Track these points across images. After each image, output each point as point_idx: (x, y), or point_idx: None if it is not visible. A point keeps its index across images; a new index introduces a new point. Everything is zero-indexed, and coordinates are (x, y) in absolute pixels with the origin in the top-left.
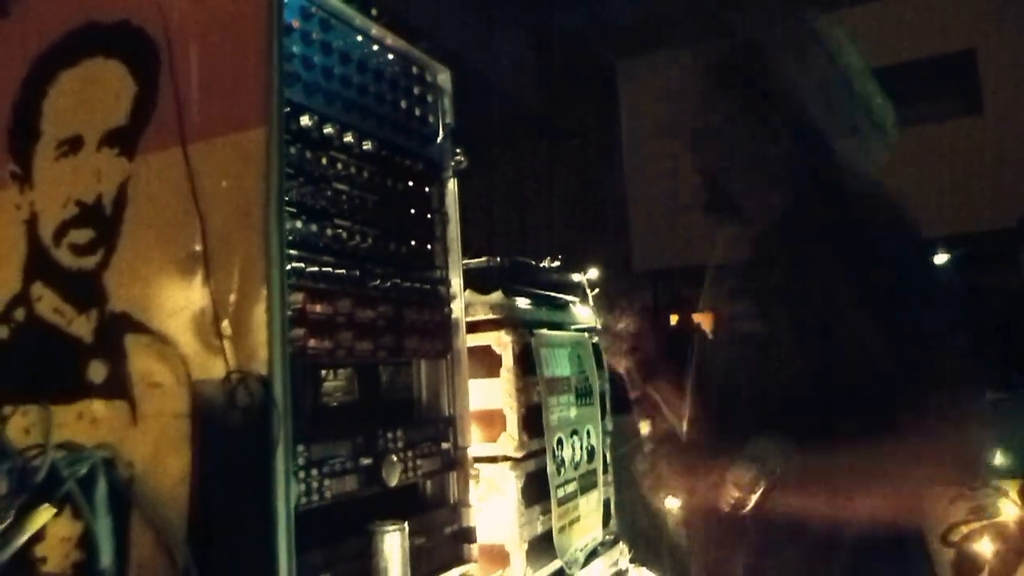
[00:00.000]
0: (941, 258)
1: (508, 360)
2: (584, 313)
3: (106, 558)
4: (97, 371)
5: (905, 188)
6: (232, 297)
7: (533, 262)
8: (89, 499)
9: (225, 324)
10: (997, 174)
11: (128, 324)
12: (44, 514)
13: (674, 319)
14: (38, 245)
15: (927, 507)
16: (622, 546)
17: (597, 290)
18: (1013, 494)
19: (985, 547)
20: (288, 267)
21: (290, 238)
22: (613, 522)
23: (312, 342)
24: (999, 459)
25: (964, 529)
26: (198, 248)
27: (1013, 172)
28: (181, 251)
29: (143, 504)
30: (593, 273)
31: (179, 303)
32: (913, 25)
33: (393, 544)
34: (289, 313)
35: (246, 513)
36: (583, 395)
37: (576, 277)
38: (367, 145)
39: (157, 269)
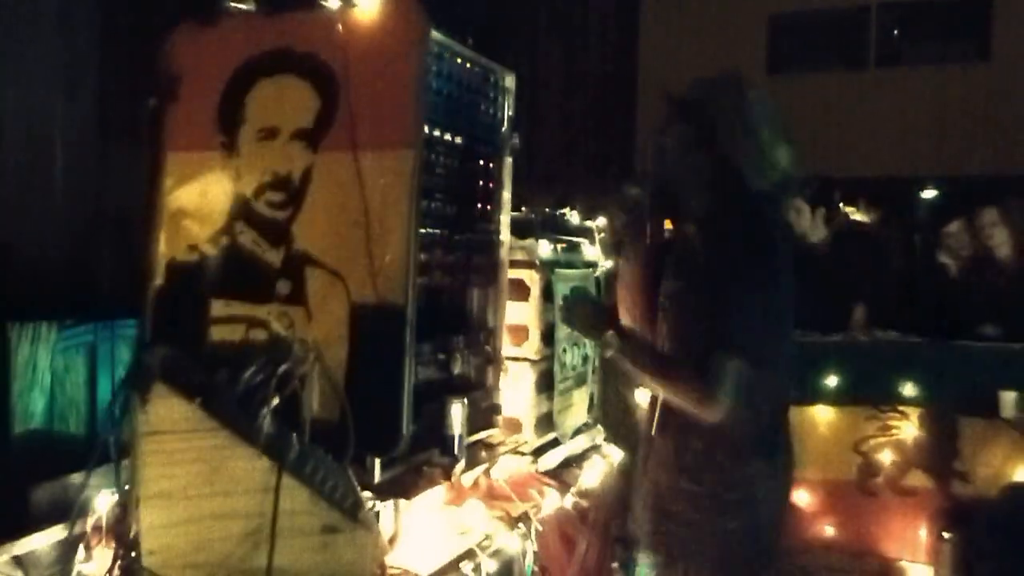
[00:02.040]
0: (930, 194)
1: (535, 291)
2: (592, 252)
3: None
4: (284, 286)
5: (904, 126)
6: (380, 250)
7: (560, 212)
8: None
9: (377, 264)
10: (997, 120)
11: (307, 259)
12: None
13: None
14: (241, 196)
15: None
16: (599, 428)
17: (603, 234)
18: (913, 419)
19: (885, 457)
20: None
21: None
22: (595, 409)
23: (422, 279)
24: (909, 391)
25: (871, 442)
26: (361, 219)
27: (1013, 120)
28: (349, 218)
29: (319, 366)
30: (601, 220)
31: (345, 252)
32: None
33: (457, 411)
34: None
35: (379, 381)
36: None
37: (588, 223)
38: (458, 139)
39: (332, 227)
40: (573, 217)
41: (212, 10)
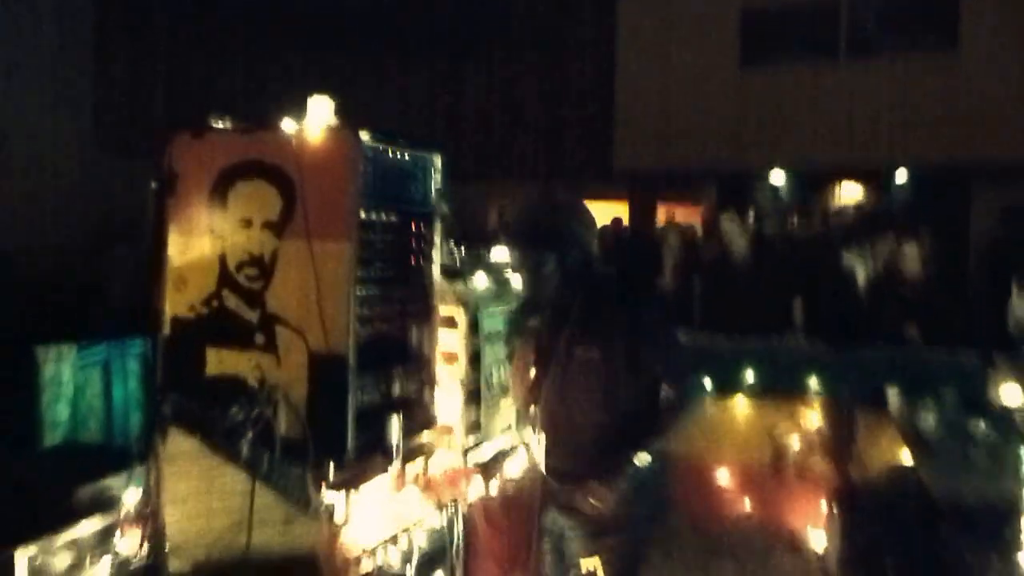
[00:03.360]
0: (902, 177)
1: (463, 325)
2: (518, 284)
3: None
4: (259, 338)
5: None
6: (329, 314)
7: (490, 259)
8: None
9: (327, 324)
10: (960, 108)
11: (277, 319)
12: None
13: (663, 214)
14: (225, 270)
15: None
16: (524, 427)
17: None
18: (817, 411)
19: (793, 442)
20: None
21: (357, 274)
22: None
23: (364, 329)
24: (814, 387)
25: (782, 430)
26: (314, 291)
27: (976, 107)
28: (306, 289)
29: (286, 399)
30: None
31: (304, 315)
32: None
33: (394, 424)
34: (354, 321)
35: (330, 408)
36: (510, 339)
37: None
38: (393, 217)
39: (294, 296)
40: (504, 255)
41: (201, 126)
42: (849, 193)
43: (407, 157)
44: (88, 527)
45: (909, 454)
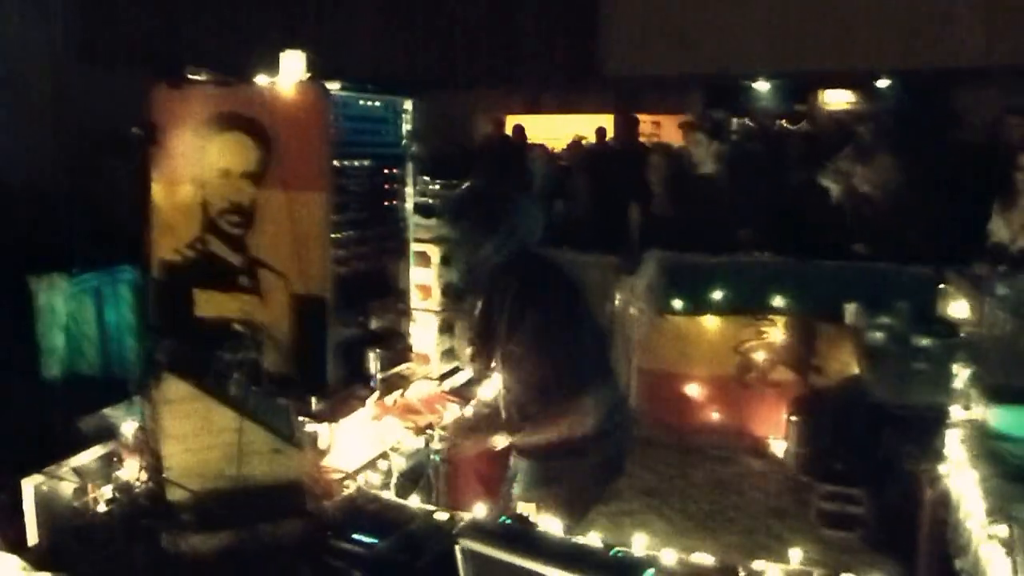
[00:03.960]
0: (884, 83)
1: (436, 260)
2: None
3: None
4: (244, 280)
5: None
6: (307, 258)
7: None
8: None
9: (306, 267)
10: (951, 15)
11: (259, 263)
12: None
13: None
14: (208, 216)
15: None
16: None
17: None
18: (779, 325)
19: (759, 356)
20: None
21: (333, 219)
22: None
23: (342, 268)
24: (778, 302)
25: (748, 344)
26: (293, 237)
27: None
28: (285, 236)
29: (271, 338)
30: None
31: (285, 259)
32: None
33: (372, 357)
34: (332, 263)
35: (312, 346)
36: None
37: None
38: (366, 162)
39: (274, 241)
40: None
41: (179, 78)
42: (836, 99)
43: (378, 103)
44: (90, 455)
45: (860, 365)
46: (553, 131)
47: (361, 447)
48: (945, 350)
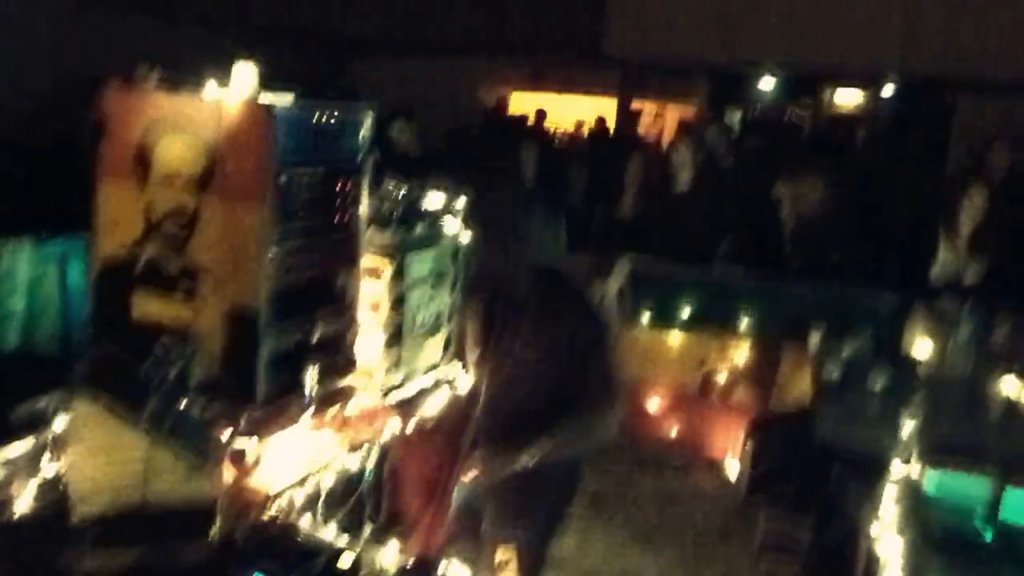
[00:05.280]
0: (888, 89)
1: (387, 273)
2: (453, 226)
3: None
4: (181, 286)
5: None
6: (244, 267)
7: (422, 203)
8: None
9: (242, 278)
10: (954, 19)
11: (199, 269)
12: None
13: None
14: (151, 219)
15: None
16: (456, 362)
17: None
18: (745, 345)
19: (722, 374)
20: (271, 249)
21: (276, 230)
22: (452, 349)
23: (284, 278)
24: (744, 320)
25: (712, 361)
26: (232, 246)
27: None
28: (225, 244)
29: (203, 348)
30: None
31: (223, 268)
32: None
33: (309, 369)
34: (273, 273)
35: (243, 358)
36: (438, 281)
37: (453, 200)
38: (319, 170)
39: (214, 249)
40: (437, 198)
41: (130, 80)
42: (844, 98)
43: (335, 115)
44: (19, 447)
45: (814, 401)
46: (557, 114)
47: (291, 463)
48: (901, 389)
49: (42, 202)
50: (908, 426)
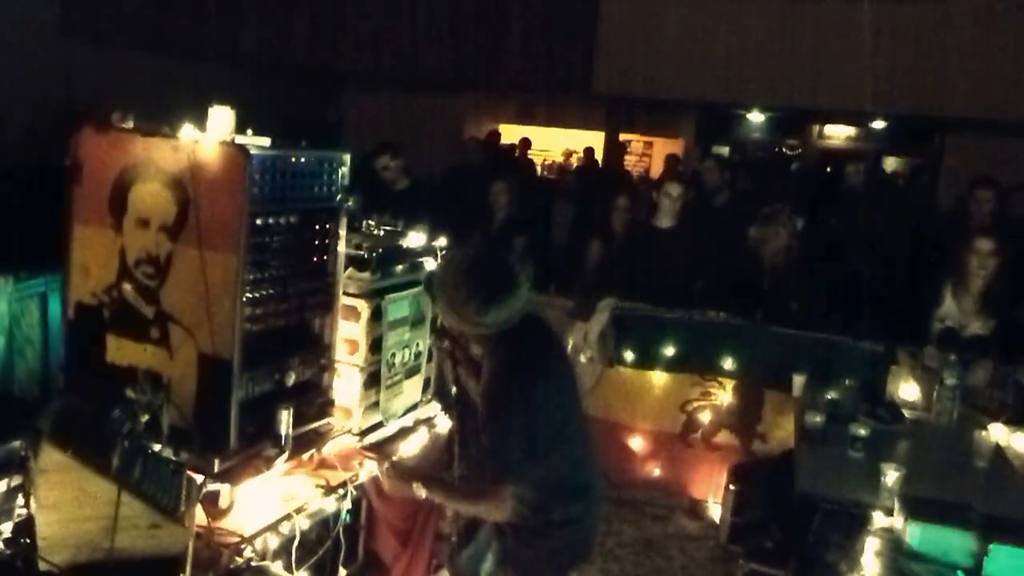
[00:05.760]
0: (879, 124)
1: (365, 315)
2: (432, 266)
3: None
4: (154, 332)
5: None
6: (216, 319)
7: (402, 243)
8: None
9: (214, 328)
10: (946, 60)
11: (170, 317)
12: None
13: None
14: (125, 264)
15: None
16: (435, 403)
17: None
18: (728, 388)
19: (705, 416)
20: (244, 297)
21: (249, 277)
22: (431, 389)
23: (257, 326)
24: (727, 364)
25: (694, 404)
26: (203, 296)
27: (960, 61)
28: (196, 293)
29: (175, 394)
30: (443, 241)
31: (193, 317)
32: None
33: (283, 415)
34: (245, 321)
35: (215, 404)
36: (417, 322)
37: (432, 243)
38: (292, 218)
39: (185, 298)
40: (418, 239)
41: (105, 123)
42: (834, 133)
43: (311, 159)
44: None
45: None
46: (546, 143)
47: (265, 507)
48: (884, 439)
49: (22, 238)
50: (891, 476)
